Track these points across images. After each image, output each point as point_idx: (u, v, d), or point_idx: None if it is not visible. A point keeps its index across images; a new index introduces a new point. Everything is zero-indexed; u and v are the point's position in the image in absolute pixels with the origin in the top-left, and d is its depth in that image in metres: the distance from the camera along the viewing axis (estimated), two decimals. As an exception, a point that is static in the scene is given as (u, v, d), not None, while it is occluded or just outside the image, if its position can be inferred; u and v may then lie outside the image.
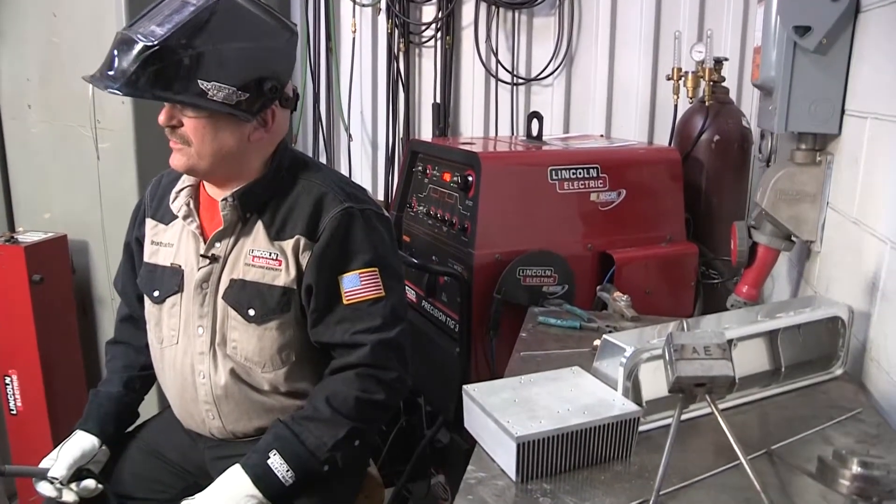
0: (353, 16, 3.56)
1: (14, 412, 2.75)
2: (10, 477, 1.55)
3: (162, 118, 1.53)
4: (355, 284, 1.59)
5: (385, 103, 3.60)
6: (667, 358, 1.22)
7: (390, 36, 3.51)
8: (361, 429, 1.60)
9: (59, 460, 1.65)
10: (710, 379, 1.20)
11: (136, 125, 2.66)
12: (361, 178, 3.66)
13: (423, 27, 3.50)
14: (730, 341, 1.30)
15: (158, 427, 1.90)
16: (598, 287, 2.26)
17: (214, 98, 1.46)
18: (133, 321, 1.88)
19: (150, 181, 1.86)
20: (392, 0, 3.45)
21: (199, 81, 1.44)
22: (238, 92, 1.48)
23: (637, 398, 1.41)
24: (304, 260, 1.60)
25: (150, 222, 1.78)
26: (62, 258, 2.81)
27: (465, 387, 1.41)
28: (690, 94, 2.75)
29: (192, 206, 1.68)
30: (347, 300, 1.58)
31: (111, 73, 1.44)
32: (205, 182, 1.69)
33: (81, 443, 1.70)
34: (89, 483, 1.67)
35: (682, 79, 2.75)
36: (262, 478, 1.51)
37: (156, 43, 1.40)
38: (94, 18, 2.62)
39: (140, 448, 1.83)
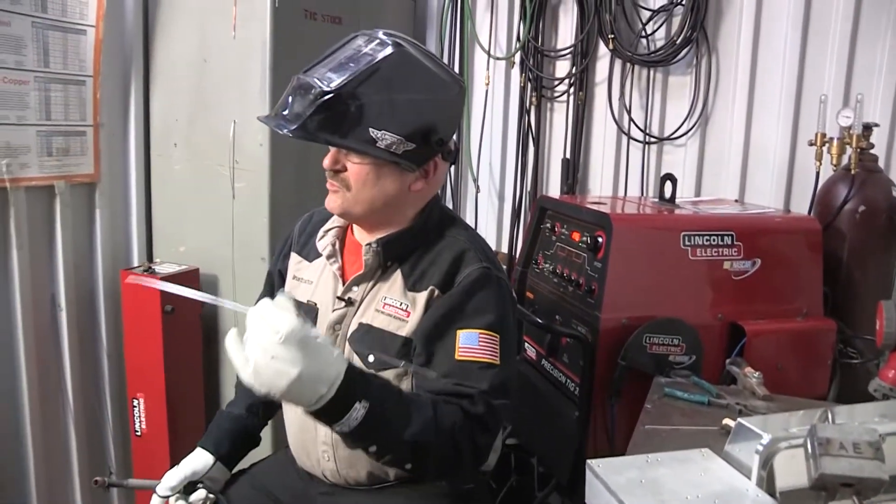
0: (487, 68, 3.61)
1: (139, 433, 2.87)
2: (131, 489, 1.66)
3: (327, 162, 1.58)
4: (472, 342, 1.53)
5: (514, 156, 3.61)
6: (809, 451, 1.15)
7: (523, 90, 3.54)
8: (426, 459, 1.44)
9: (167, 477, 1.68)
10: (859, 480, 1.11)
11: (272, 167, 2.77)
12: (486, 230, 3.67)
13: (557, 82, 3.50)
14: (880, 436, 1.21)
15: (272, 467, 1.92)
16: (727, 360, 2.16)
17: (382, 146, 1.49)
18: None
19: (301, 217, 1.92)
20: (526, 54, 3.48)
21: (369, 129, 1.48)
22: (405, 142, 1.51)
23: (771, 489, 1.32)
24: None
25: (294, 257, 1.83)
26: (193, 291, 2.94)
27: (589, 462, 1.36)
28: (835, 162, 2.62)
29: (337, 246, 1.71)
30: (460, 356, 1.52)
31: (286, 114, 1.51)
32: (354, 225, 1.73)
33: (194, 460, 1.73)
34: (200, 493, 1.70)
35: (826, 145, 2.63)
36: (336, 403, 1.28)
37: (332, 89, 1.45)
38: (240, 66, 2.76)
39: (252, 485, 1.85)
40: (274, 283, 1.90)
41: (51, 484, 2.82)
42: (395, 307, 1.61)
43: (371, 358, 1.61)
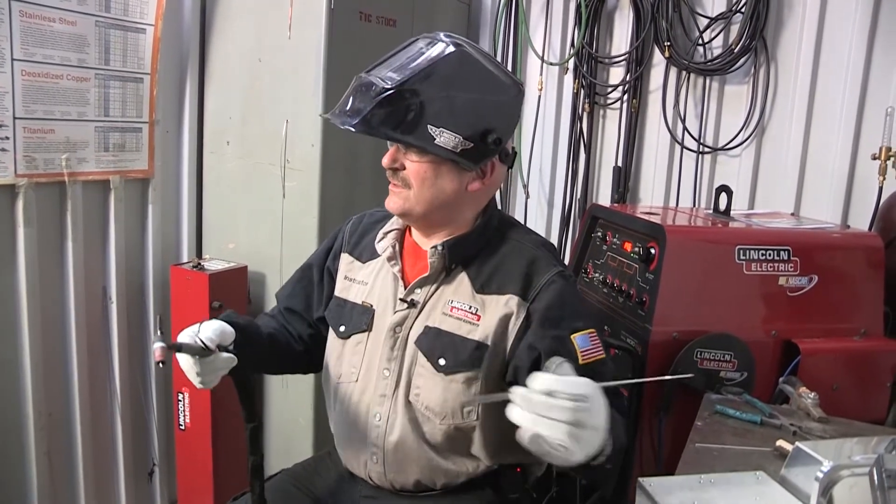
0: (541, 74, 3.58)
1: (182, 428, 2.91)
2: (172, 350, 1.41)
3: (386, 160, 1.60)
4: (587, 345, 1.56)
5: (565, 163, 3.58)
6: (875, 482, 1.11)
7: (576, 96, 3.51)
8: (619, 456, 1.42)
9: (202, 330, 1.52)
10: (928, 516, 1.07)
11: (322, 168, 2.78)
12: (534, 236, 3.63)
13: (610, 89, 3.47)
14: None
15: (314, 467, 1.93)
16: (780, 378, 2.11)
17: (441, 144, 1.51)
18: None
19: (349, 218, 1.92)
20: (580, 60, 3.45)
21: (428, 126, 1.50)
22: (464, 140, 1.52)
23: (829, 517, 1.29)
24: (517, 319, 1.58)
25: (345, 257, 1.84)
26: (241, 288, 2.96)
27: (640, 480, 1.34)
28: (900, 176, 2.56)
29: (397, 248, 1.72)
30: (584, 360, 1.53)
31: (348, 110, 1.53)
32: (412, 228, 1.74)
33: (221, 323, 1.58)
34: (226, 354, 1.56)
35: (892, 159, 2.56)
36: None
37: (391, 86, 1.47)
38: (295, 66, 2.78)
39: (293, 484, 1.86)
40: (312, 278, 1.90)
41: (97, 470, 2.88)
42: (465, 311, 1.62)
43: (443, 361, 1.61)
